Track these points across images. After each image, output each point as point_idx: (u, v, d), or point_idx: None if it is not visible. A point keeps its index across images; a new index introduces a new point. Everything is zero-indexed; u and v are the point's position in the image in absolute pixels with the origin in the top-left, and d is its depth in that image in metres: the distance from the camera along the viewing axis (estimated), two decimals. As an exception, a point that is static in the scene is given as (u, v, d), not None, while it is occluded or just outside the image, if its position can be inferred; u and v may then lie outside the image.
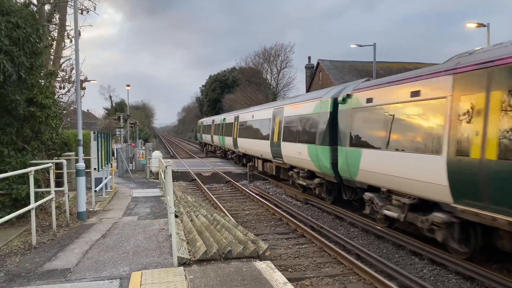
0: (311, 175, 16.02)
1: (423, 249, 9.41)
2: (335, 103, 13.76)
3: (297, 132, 16.90)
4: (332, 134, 13.74)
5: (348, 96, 12.76)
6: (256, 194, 18.12)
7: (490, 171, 7.29)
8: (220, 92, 77.23)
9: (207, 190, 19.25)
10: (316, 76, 43.95)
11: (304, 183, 16.79)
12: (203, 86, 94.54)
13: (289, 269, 8.68)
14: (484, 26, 20.70)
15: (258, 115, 24.02)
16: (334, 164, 13.58)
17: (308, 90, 43.95)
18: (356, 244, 10.08)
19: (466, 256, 8.56)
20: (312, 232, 11.08)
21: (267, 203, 15.65)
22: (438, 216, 8.82)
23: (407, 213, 9.93)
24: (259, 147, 22.74)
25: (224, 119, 35.00)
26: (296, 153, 16.69)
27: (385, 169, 10.51)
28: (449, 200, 8.40)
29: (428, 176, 8.85)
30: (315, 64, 44.76)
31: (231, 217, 12.44)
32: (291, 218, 12.87)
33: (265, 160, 22.75)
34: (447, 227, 8.74)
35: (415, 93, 9.55)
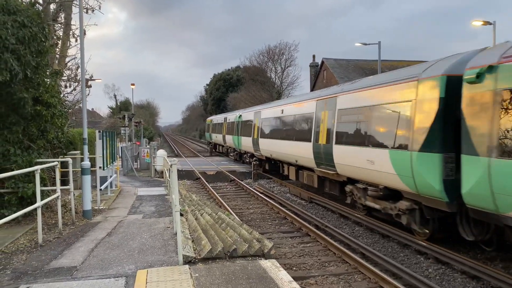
0: (391, 195, 10.88)
1: (429, 248, 9.38)
2: (451, 84, 8.81)
3: (365, 131, 11.88)
4: (444, 134, 8.89)
5: (491, 69, 7.68)
6: (261, 193, 18.13)
7: None
8: (225, 91, 77.31)
9: (211, 189, 19.27)
10: (320, 75, 43.90)
11: (376, 206, 11.55)
12: (207, 85, 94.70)
13: (294, 268, 8.69)
14: (490, 24, 20.58)
15: (291, 109, 18.95)
16: (448, 182, 8.81)
17: (313, 88, 43.88)
18: (361, 243, 10.07)
19: None
20: (317, 231, 11.07)
21: (272, 202, 15.66)
22: None
23: None
24: (293, 151, 17.86)
25: (240, 116, 30.13)
26: (364, 161, 11.61)
27: None
28: None
29: None
30: (319, 63, 44.72)
31: (235, 216, 12.46)
32: (296, 217, 12.87)
33: (300, 168, 17.92)
34: None
35: None
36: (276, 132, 20.84)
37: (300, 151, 17.02)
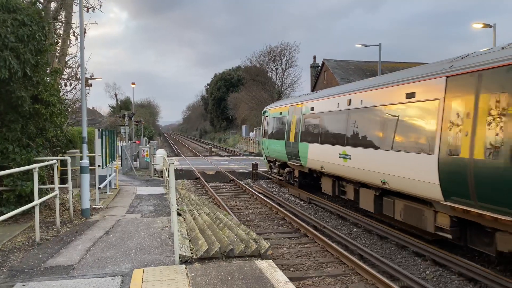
0: None
1: (426, 250, 9.37)
2: None
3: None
4: None
5: None
6: (260, 193, 18.13)
7: None
8: (225, 90, 77.37)
9: (210, 189, 19.28)
10: (321, 76, 43.93)
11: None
12: (208, 84, 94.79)
13: (291, 269, 8.68)
14: (491, 26, 20.55)
15: None
16: None
17: (313, 89, 43.90)
18: (358, 244, 10.06)
19: None
20: (315, 232, 11.07)
21: (271, 202, 15.65)
22: None
23: None
24: None
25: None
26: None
27: None
28: None
29: None
30: (320, 64, 44.74)
31: (234, 216, 12.47)
32: (294, 218, 12.86)
33: None
34: None
35: None
36: None
37: None
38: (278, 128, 20.43)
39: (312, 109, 15.96)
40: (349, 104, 12.63)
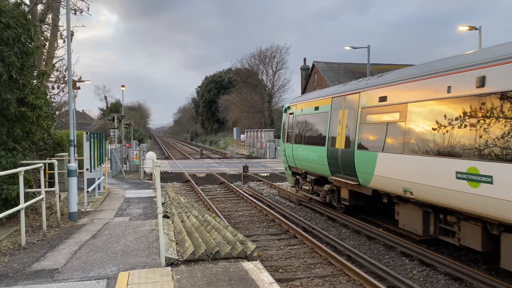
0: None
1: (414, 250, 9.44)
2: None
3: None
4: None
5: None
6: (250, 195, 18.12)
7: None
8: (216, 93, 77.43)
9: (200, 191, 19.23)
10: (311, 78, 44.13)
11: None
12: (199, 87, 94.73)
13: (280, 270, 8.69)
14: (476, 29, 20.80)
15: None
16: None
17: (304, 91, 44.08)
18: (347, 245, 10.10)
19: None
20: (304, 233, 11.09)
21: (260, 204, 15.66)
22: None
23: None
24: None
25: None
26: None
27: None
28: None
29: None
30: (310, 66, 44.95)
31: (223, 218, 12.45)
32: (284, 219, 12.88)
33: None
34: None
35: None
36: None
37: None
38: (312, 129, 15.18)
39: (383, 99, 10.58)
40: (482, 86, 7.34)
